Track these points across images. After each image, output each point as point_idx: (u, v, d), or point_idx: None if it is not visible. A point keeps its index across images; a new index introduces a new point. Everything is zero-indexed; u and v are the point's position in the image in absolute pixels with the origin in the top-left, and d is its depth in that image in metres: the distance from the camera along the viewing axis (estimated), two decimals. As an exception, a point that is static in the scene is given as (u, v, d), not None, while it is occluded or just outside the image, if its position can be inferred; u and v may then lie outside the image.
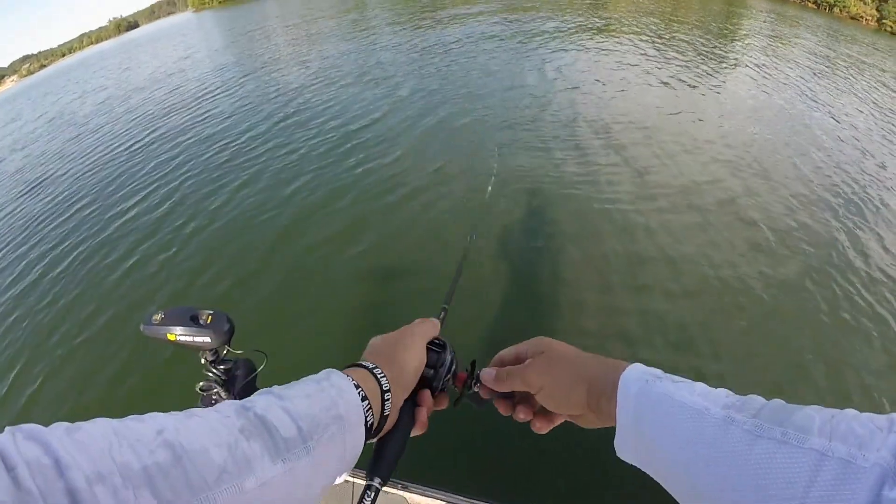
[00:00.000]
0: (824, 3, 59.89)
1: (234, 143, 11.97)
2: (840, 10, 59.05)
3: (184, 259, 7.34)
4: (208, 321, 1.48)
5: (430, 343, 0.92)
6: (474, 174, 7.90)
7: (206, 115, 15.14)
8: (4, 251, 9.77)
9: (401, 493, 2.18)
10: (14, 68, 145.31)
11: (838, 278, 6.04)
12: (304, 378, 0.72)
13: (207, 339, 1.48)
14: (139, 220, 9.12)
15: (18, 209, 11.94)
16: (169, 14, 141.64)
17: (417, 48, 19.69)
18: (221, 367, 1.63)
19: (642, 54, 17.31)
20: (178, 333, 1.46)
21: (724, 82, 15.42)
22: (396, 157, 9.43)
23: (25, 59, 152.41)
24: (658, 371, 0.72)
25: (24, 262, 8.75)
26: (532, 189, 7.45)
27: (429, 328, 0.92)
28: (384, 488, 0.98)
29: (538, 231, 6.56)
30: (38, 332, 6.58)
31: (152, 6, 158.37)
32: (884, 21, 54.74)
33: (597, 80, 13.81)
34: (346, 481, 2.06)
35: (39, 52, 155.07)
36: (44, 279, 7.95)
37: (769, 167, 9.21)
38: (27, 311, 7.19)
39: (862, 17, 57.60)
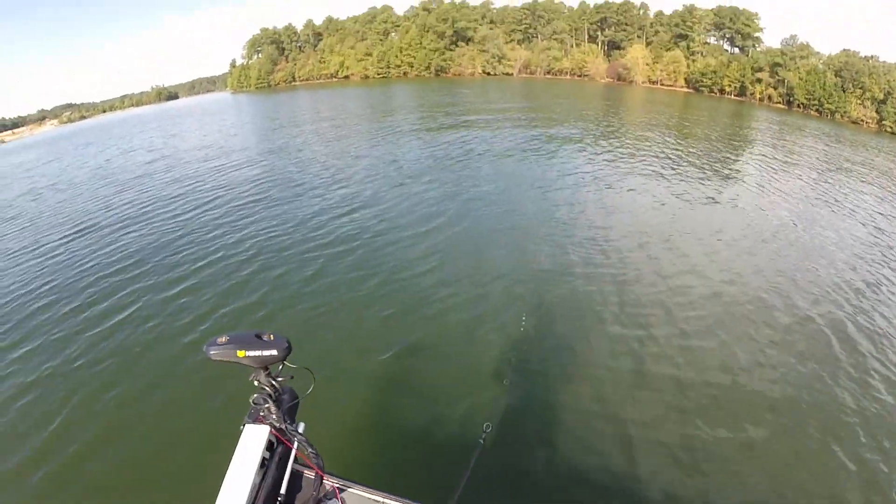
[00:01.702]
0: (826, 110, 65.56)
1: (284, 230, 13.08)
2: (841, 116, 66.50)
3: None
4: (271, 339, 1.86)
5: None
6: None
7: (258, 196, 16.59)
8: (52, 297, 10.34)
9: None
10: (55, 113, 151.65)
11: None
12: None
13: (274, 353, 1.85)
14: (199, 293, 9.85)
15: (67, 255, 12.69)
16: (208, 91, 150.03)
17: (445, 152, 22.08)
18: (280, 379, 2.00)
19: (659, 170, 19.70)
20: (247, 351, 1.80)
21: (741, 192, 17.36)
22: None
23: (68, 106, 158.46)
24: None
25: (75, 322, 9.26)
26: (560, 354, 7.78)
27: None
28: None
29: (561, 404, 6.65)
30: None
31: (193, 81, 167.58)
32: (884, 122, 60.03)
33: (622, 200, 15.52)
34: (375, 500, 2.29)
35: (82, 104, 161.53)
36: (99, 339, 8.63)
37: (795, 276, 10.61)
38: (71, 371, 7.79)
39: (863, 120, 64.12)
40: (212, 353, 1.83)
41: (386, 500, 2.23)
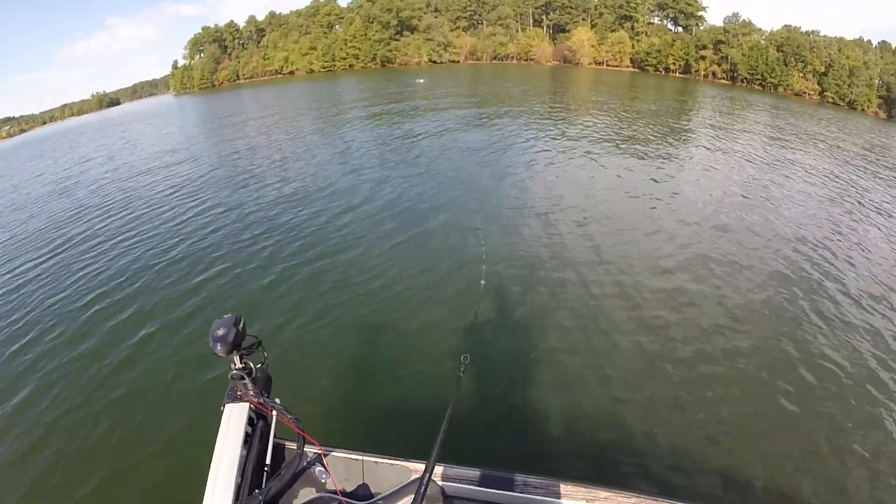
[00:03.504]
0: (769, 84, 67.72)
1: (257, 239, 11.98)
2: (784, 89, 67.96)
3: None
4: (230, 317, 2.18)
5: None
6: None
7: (221, 199, 15.23)
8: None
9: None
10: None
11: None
12: None
13: (241, 325, 2.19)
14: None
15: (46, 275, 11.34)
16: (150, 95, 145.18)
17: (390, 140, 21.59)
18: (250, 355, 2.29)
19: (609, 145, 19.60)
20: (237, 328, 2.14)
21: (689, 166, 17.47)
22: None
23: (6, 121, 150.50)
24: None
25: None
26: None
27: None
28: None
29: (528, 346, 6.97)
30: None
31: (134, 86, 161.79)
32: (825, 94, 62.37)
33: (570, 173, 15.55)
34: (356, 459, 2.40)
35: (20, 117, 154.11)
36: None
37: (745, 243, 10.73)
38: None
39: (805, 92, 66.11)
40: (220, 348, 2.07)
41: (367, 459, 2.38)
